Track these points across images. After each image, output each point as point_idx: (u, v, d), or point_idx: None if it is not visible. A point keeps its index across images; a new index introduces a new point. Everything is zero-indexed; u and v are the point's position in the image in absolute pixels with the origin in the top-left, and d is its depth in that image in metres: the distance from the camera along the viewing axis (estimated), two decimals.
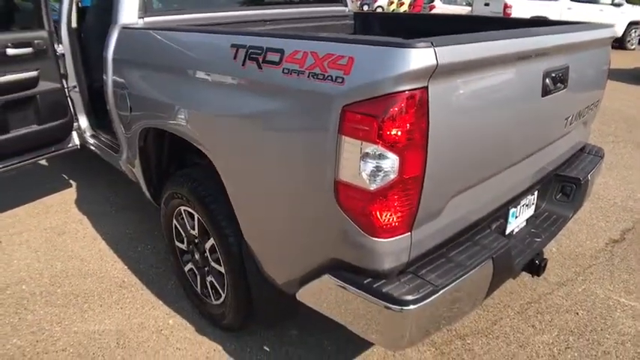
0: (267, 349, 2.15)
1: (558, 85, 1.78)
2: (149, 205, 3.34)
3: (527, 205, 2.04)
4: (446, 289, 1.37)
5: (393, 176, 1.22)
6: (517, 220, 1.98)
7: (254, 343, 2.18)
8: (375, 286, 1.35)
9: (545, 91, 1.71)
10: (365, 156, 1.22)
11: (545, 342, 2.20)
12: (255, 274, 1.77)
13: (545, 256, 2.01)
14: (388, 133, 1.19)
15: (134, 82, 2.16)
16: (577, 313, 2.39)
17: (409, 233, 1.36)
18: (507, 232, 1.92)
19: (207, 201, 1.90)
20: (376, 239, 1.31)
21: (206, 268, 2.15)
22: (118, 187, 3.65)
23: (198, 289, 2.27)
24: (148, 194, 2.49)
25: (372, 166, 1.22)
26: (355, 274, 1.39)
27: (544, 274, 2.14)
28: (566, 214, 2.16)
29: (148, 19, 2.35)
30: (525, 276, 2.55)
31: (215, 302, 2.16)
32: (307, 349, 2.16)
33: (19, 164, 2.94)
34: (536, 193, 2.09)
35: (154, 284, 2.58)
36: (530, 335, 2.24)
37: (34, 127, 2.93)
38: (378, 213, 1.27)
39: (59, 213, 3.30)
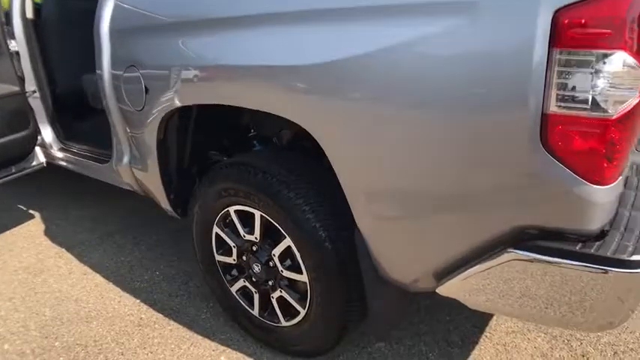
0: None
1: None
2: (141, 225, 2.81)
3: None
4: None
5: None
6: None
7: None
8: (594, 252, 1.02)
9: None
10: (599, 73, 0.90)
11: None
12: (371, 273, 1.38)
13: None
14: (634, 36, 0.88)
15: (154, 53, 1.67)
16: None
17: (620, 178, 1.06)
18: None
19: (283, 190, 1.48)
20: (599, 187, 0.99)
21: (270, 283, 1.70)
22: (96, 210, 3.03)
23: (256, 311, 1.80)
24: (166, 202, 1.99)
25: (609, 84, 0.90)
26: (556, 242, 1.06)
27: None
28: None
29: None
30: None
31: (286, 323, 1.72)
32: (407, 358, 1.78)
33: None
34: None
35: (183, 316, 2.07)
36: None
37: None
38: (609, 150, 0.95)
39: (28, 249, 2.64)
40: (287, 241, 1.56)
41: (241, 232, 1.70)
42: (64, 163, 2.65)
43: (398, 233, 1.28)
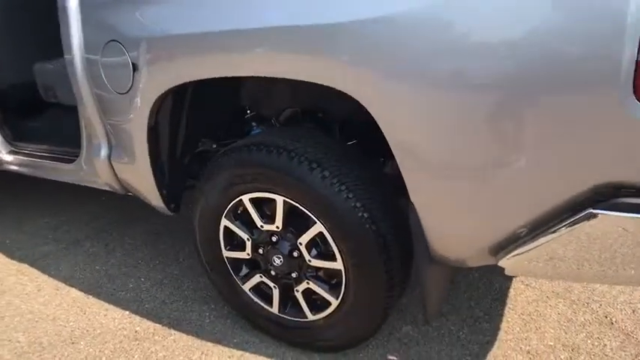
0: (395, 358, 1.64)
1: None
2: (110, 230, 2.53)
3: None
4: None
5: None
6: None
7: (373, 355, 1.65)
8: None
9: None
10: None
11: None
12: (425, 252, 1.27)
13: None
14: None
15: (145, 22, 1.43)
16: None
17: None
18: None
19: (315, 170, 1.33)
20: None
21: (294, 275, 1.55)
22: (56, 218, 2.68)
23: (275, 308, 1.64)
24: (158, 198, 1.76)
25: None
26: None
27: None
28: None
29: None
30: None
31: (313, 317, 1.57)
32: (438, 341, 1.70)
33: None
34: None
35: (184, 323, 1.86)
36: None
37: None
38: None
39: None
40: (318, 227, 1.41)
41: (258, 222, 1.53)
42: (15, 168, 2.31)
43: (460, 205, 1.18)
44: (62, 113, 2.10)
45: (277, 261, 1.55)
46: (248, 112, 1.82)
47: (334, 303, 1.51)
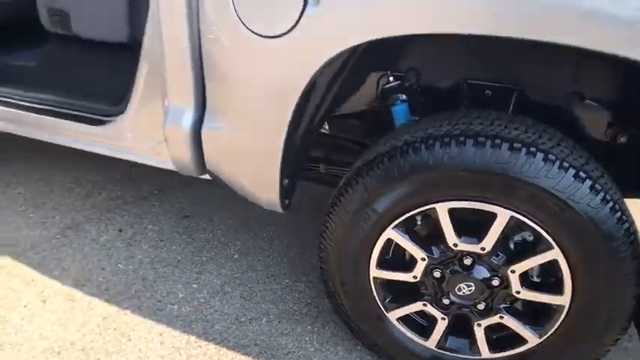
0: None
1: None
2: (119, 204, 1.88)
3: None
4: None
5: None
6: None
7: None
8: None
9: None
10: None
11: None
12: None
13: None
14: None
15: None
16: None
17: None
18: None
19: (586, 180, 0.96)
20: None
21: (480, 306, 1.17)
22: (31, 185, 1.96)
23: (432, 342, 1.26)
24: (274, 190, 1.21)
25: None
26: None
27: None
28: None
29: None
30: None
31: (489, 356, 1.23)
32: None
33: None
34: None
35: (279, 351, 1.40)
36: None
37: None
38: None
39: None
40: (553, 253, 1.05)
41: (451, 239, 1.12)
42: None
43: None
44: (75, 49, 1.45)
45: (465, 289, 1.17)
46: (390, 79, 1.35)
47: (532, 341, 1.18)
